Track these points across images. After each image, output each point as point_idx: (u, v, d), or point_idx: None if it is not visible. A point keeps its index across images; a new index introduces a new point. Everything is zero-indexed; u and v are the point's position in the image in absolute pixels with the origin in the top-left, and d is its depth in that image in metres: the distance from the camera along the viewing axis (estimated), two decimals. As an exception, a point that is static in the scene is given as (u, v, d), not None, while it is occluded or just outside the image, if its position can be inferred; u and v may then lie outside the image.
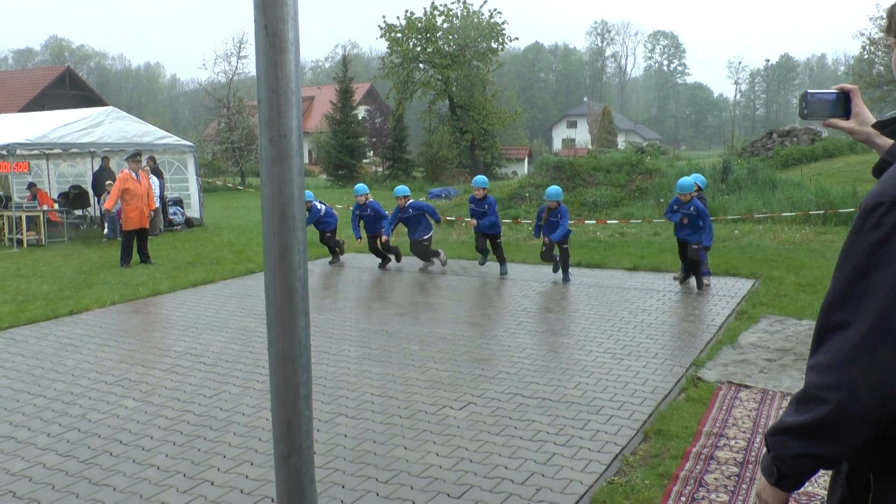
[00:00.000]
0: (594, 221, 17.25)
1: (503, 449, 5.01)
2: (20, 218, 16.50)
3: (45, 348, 7.91)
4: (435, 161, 41.44)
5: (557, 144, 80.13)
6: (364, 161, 46.09)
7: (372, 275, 12.19)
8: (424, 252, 12.45)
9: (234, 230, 18.88)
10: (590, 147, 49.58)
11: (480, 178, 12.25)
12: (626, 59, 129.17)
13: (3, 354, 7.69)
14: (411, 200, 12.57)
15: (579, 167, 21.51)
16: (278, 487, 1.89)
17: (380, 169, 46.45)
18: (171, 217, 19.18)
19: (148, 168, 17.49)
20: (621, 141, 61.76)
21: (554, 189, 11.08)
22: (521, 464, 4.77)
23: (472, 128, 41.63)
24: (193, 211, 20.20)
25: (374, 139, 46.75)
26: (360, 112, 48.47)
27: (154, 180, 17.28)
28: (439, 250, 12.72)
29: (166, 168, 20.48)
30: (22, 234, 16.31)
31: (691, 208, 10.08)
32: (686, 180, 10.26)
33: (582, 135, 75.78)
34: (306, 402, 1.89)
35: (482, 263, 12.28)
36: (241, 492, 4.47)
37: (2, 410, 6.00)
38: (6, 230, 17.00)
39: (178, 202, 19.73)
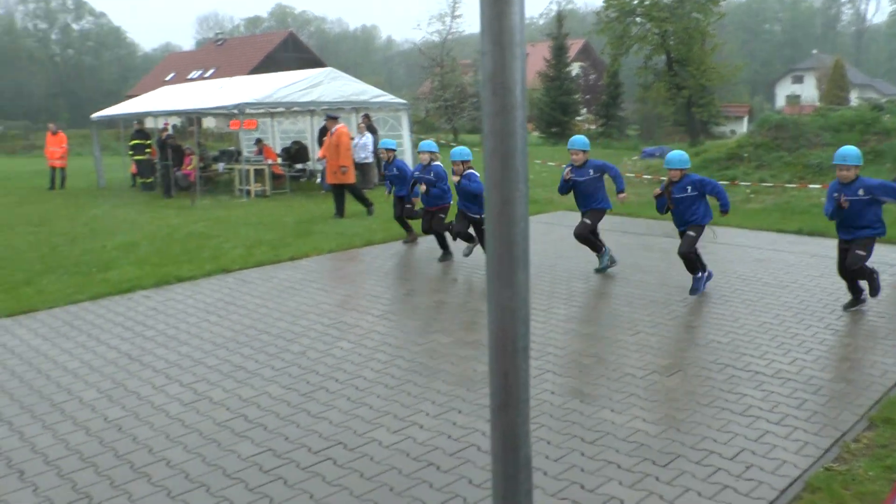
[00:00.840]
0: (819, 186, 15.96)
1: (712, 421, 4.81)
2: (248, 171, 17.95)
3: (269, 290, 8.56)
4: (650, 118, 40.05)
5: (780, 101, 74.74)
6: (577, 118, 45.39)
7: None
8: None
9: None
10: (817, 104, 45.77)
11: (579, 140, 9.14)
12: (867, 3, 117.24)
13: (235, 293, 8.42)
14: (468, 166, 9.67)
15: (804, 126, 19.91)
16: (493, 437, 1.91)
17: (593, 126, 45.57)
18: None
19: (364, 125, 18.31)
20: (854, 97, 56.44)
21: (676, 154, 8.15)
22: (731, 438, 4.56)
23: (689, 84, 39.46)
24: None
25: (587, 96, 45.89)
26: (574, 69, 47.68)
27: (368, 137, 18.06)
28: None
29: (381, 125, 21.30)
30: (250, 185, 17.72)
31: (859, 190, 7.05)
32: (850, 150, 7.16)
33: (808, 91, 70.17)
34: (524, 354, 1.89)
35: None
36: (449, 437, 4.62)
37: (233, 343, 6.59)
38: (237, 182, 18.56)
39: (391, 158, 20.46)
